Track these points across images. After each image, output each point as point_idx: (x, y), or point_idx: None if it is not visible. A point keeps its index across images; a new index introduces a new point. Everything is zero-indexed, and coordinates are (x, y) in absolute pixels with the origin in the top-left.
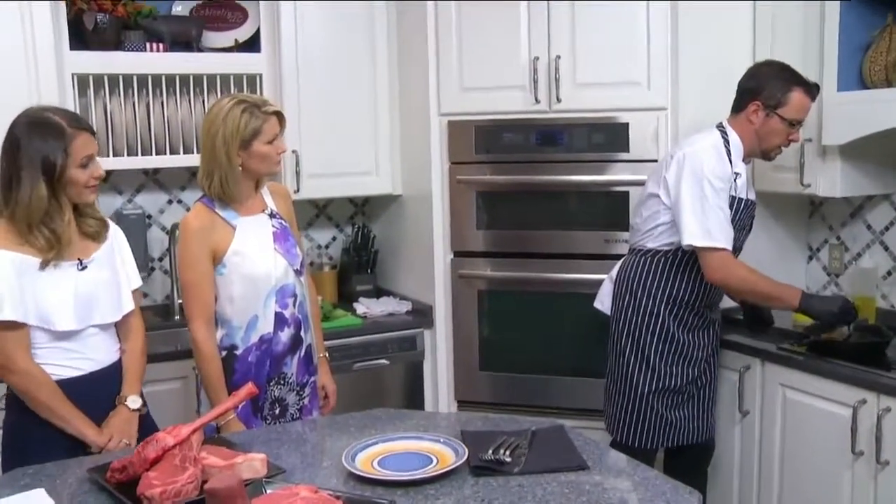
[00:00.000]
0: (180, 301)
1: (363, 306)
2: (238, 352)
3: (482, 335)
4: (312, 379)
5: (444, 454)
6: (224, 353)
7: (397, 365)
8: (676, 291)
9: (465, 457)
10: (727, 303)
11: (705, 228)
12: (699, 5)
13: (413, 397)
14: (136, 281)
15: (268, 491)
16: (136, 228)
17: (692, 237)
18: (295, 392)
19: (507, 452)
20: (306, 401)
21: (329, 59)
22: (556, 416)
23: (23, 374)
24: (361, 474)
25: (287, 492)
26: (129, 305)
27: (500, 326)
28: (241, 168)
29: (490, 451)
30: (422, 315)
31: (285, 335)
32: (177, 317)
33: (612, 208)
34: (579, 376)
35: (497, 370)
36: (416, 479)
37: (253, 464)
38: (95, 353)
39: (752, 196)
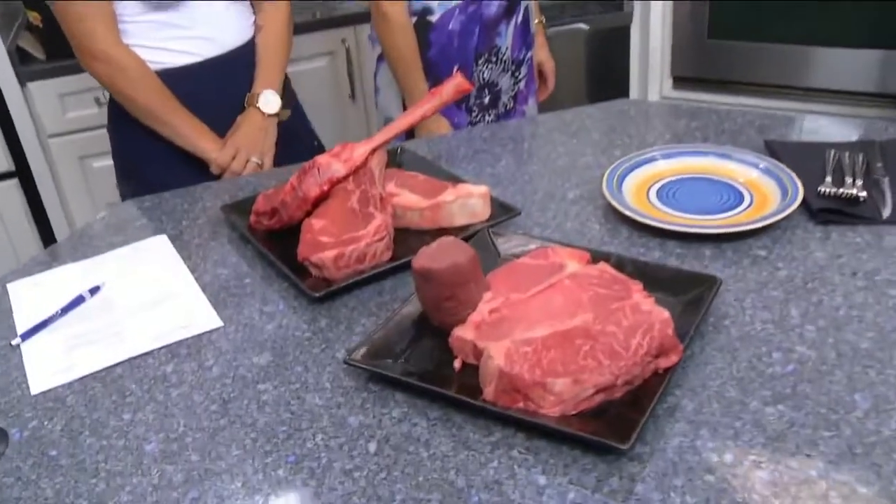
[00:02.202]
0: None
1: None
2: (434, 17)
3: None
4: (529, 54)
5: (759, 185)
6: (414, 19)
7: (597, 30)
8: None
9: (801, 194)
10: None
11: None
12: None
13: (614, 71)
14: None
15: (500, 251)
16: None
17: None
18: (510, 73)
19: (857, 183)
20: (521, 84)
21: None
22: (815, 103)
23: (107, 60)
24: (642, 219)
25: (541, 261)
26: None
27: None
28: None
29: (828, 180)
30: None
31: None
32: None
33: None
34: (855, 47)
35: (731, 38)
36: (732, 231)
37: (470, 202)
38: (212, 30)
39: None
